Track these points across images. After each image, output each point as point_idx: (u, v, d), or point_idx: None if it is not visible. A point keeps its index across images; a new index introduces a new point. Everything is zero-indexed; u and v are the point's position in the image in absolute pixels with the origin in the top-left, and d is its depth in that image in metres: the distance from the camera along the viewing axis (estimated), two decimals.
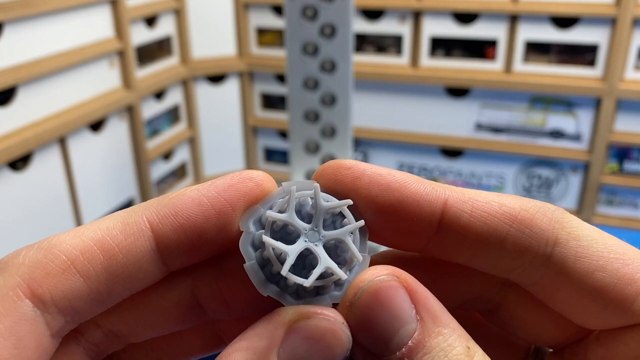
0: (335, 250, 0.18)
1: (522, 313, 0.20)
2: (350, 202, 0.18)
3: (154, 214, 0.17)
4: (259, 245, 0.18)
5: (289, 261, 0.16)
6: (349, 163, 0.19)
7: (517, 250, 0.18)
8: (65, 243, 0.16)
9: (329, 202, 0.18)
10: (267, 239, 0.17)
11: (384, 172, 0.18)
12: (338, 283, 0.18)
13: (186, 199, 0.17)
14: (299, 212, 0.18)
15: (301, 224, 0.17)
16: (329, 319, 0.16)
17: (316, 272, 0.16)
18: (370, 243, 0.19)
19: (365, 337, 0.16)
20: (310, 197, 0.18)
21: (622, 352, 0.18)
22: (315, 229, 0.17)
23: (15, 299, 0.15)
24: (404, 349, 0.16)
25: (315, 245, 0.17)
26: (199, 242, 0.18)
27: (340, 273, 0.17)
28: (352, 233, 0.18)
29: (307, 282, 0.16)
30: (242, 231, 0.18)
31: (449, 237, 0.18)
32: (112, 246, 0.17)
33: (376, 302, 0.16)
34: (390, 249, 0.20)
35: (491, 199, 0.18)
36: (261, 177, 0.18)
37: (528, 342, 0.21)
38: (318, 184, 0.18)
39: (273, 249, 0.17)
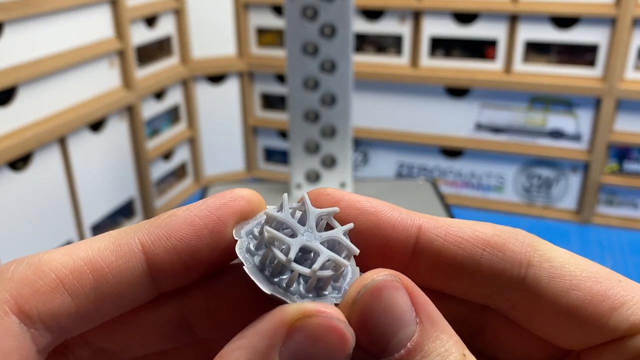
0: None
1: (504, 337, 0.20)
2: (337, 209, 0.18)
3: (147, 236, 0.17)
4: (254, 252, 0.18)
5: (294, 250, 0.17)
6: (328, 190, 0.19)
7: (491, 274, 0.18)
8: (55, 261, 0.16)
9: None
10: (268, 229, 0.17)
11: (361, 199, 0.19)
12: (335, 287, 0.18)
13: (178, 220, 0.17)
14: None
15: (297, 225, 0.18)
16: (332, 318, 0.16)
17: (320, 261, 0.17)
18: None
19: (364, 337, 0.16)
20: (299, 210, 0.18)
21: None
22: (310, 231, 0.18)
23: (2, 314, 0.15)
24: (402, 351, 0.16)
25: (313, 242, 0.17)
26: (191, 262, 0.18)
27: (343, 261, 0.17)
28: (347, 237, 0.18)
29: (312, 270, 0.16)
30: (236, 240, 0.18)
31: (425, 262, 0.19)
32: (102, 267, 0.16)
33: (378, 300, 0.16)
34: None
35: (464, 225, 0.19)
36: (251, 196, 0.19)
37: None
38: (306, 194, 0.19)
39: (274, 244, 0.17)
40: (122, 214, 1.11)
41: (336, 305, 0.17)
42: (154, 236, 0.17)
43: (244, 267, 0.17)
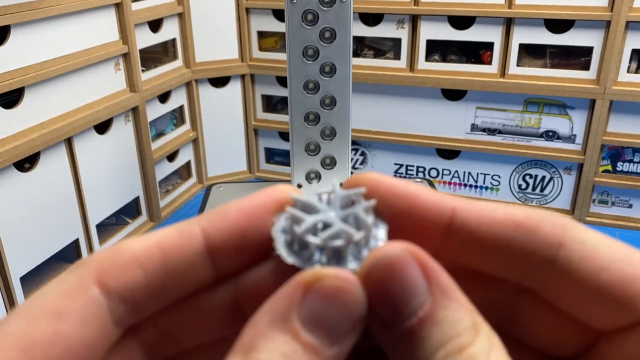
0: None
1: (538, 321, 0.21)
2: (362, 190, 0.20)
3: (204, 221, 0.20)
4: (287, 232, 0.20)
5: (307, 223, 0.19)
6: (369, 175, 0.21)
7: (523, 253, 0.19)
8: (131, 243, 0.19)
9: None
10: (289, 208, 0.19)
11: (399, 183, 0.20)
12: (357, 257, 0.19)
13: (230, 208, 0.21)
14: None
15: (322, 205, 0.20)
16: (342, 279, 0.17)
17: (330, 230, 0.19)
18: None
19: (379, 305, 0.18)
20: (329, 193, 0.21)
21: (634, 351, 0.18)
22: (334, 210, 0.20)
23: (86, 286, 0.18)
24: (414, 319, 0.17)
25: (331, 219, 0.20)
26: (242, 243, 0.20)
27: (352, 231, 0.19)
28: (367, 213, 0.20)
29: (321, 239, 0.19)
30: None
31: (458, 242, 0.20)
32: (168, 245, 0.19)
33: (391, 275, 0.17)
34: None
35: (497, 208, 0.20)
36: (291, 190, 0.21)
37: (547, 352, 0.22)
38: (337, 182, 0.21)
39: (297, 222, 0.19)
40: (127, 214, 1.13)
41: (355, 272, 0.19)
42: (210, 221, 0.20)
43: (273, 243, 0.20)
